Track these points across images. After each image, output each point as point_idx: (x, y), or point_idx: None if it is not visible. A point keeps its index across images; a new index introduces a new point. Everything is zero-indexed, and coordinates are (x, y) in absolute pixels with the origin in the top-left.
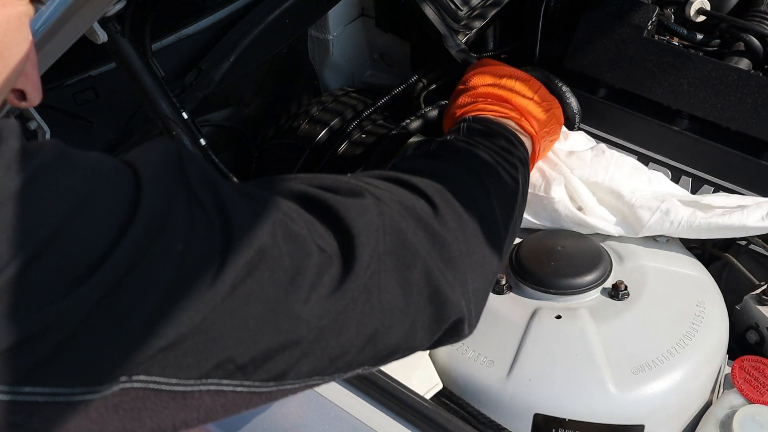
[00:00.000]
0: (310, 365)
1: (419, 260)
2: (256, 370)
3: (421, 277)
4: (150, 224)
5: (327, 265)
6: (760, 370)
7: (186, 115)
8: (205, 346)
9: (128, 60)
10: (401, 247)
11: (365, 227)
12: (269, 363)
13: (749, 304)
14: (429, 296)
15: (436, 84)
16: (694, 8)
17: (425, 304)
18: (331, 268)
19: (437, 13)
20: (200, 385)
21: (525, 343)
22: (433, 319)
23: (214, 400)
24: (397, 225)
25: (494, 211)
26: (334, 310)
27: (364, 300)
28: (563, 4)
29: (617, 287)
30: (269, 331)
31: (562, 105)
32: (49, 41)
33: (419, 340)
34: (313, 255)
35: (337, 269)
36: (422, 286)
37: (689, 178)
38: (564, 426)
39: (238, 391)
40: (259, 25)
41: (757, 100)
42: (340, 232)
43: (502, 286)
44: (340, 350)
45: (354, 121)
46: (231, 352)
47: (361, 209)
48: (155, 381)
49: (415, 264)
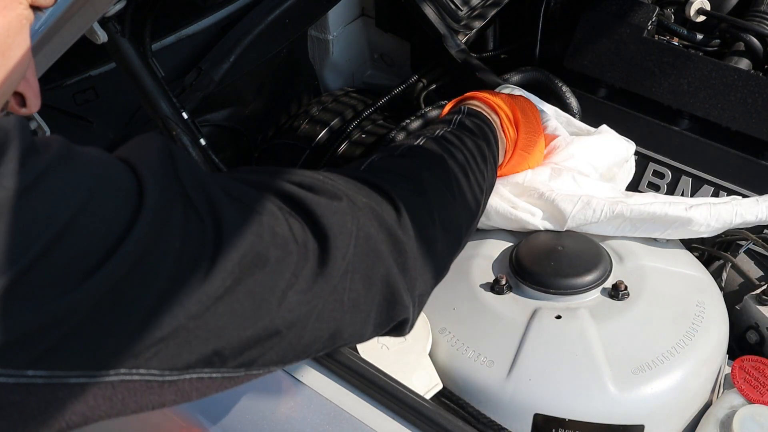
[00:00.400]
0: (279, 354)
1: (382, 264)
2: (234, 359)
3: (382, 279)
4: (153, 222)
5: (303, 264)
6: (760, 370)
7: (186, 115)
8: (197, 339)
9: (128, 60)
10: (369, 252)
11: (340, 231)
12: (246, 353)
13: (749, 304)
14: (385, 297)
15: (436, 84)
16: (694, 8)
17: (381, 303)
18: (306, 267)
19: (437, 13)
20: (185, 374)
21: (525, 343)
22: (385, 317)
23: (191, 386)
24: (368, 231)
25: (454, 220)
26: (308, 306)
27: (333, 298)
28: (563, 4)
29: (617, 287)
30: (251, 326)
31: (562, 105)
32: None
33: (369, 333)
34: (293, 254)
35: (312, 267)
36: (381, 285)
37: (689, 178)
38: (564, 426)
39: (213, 377)
40: (259, 25)
41: (757, 100)
42: (317, 232)
43: (502, 286)
44: (308, 342)
45: (354, 121)
46: (218, 345)
47: (338, 213)
48: (151, 373)
49: (378, 267)
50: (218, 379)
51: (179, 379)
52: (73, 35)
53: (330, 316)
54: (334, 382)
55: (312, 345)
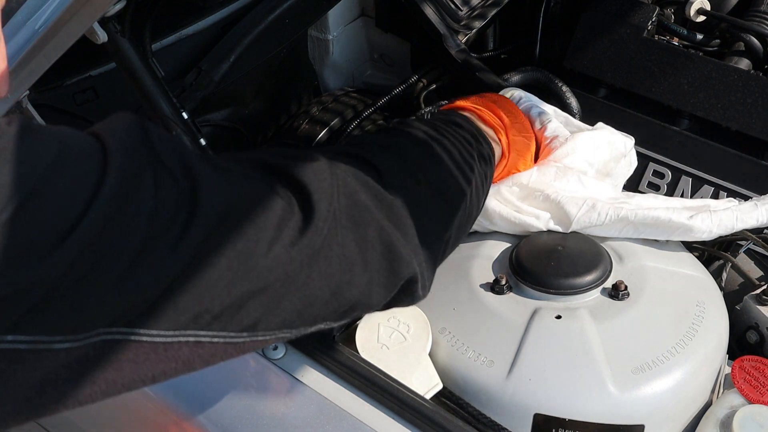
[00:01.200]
0: (279, 316)
1: (372, 219)
2: (231, 320)
3: (375, 235)
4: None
5: (288, 218)
6: (760, 370)
7: (186, 115)
8: (182, 297)
9: (128, 60)
10: (354, 206)
11: (320, 185)
12: (242, 312)
13: (749, 304)
14: (383, 253)
15: (436, 84)
16: (694, 8)
17: (380, 261)
18: (291, 220)
19: (437, 13)
20: (179, 336)
21: (525, 343)
22: (387, 275)
23: (192, 351)
24: (350, 186)
25: (444, 183)
26: (298, 259)
27: (325, 253)
28: (563, 4)
29: (617, 287)
30: (239, 279)
31: (562, 105)
32: (49, 41)
33: (376, 297)
34: (275, 208)
35: (297, 222)
36: (376, 243)
37: (689, 178)
38: (564, 426)
39: (214, 341)
40: (259, 25)
41: (757, 100)
42: (298, 190)
43: (502, 286)
44: (307, 301)
45: (354, 121)
46: (206, 303)
47: (316, 170)
48: (135, 333)
49: (368, 222)
50: (220, 344)
51: (174, 341)
52: (73, 35)
53: (325, 272)
54: (334, 382)
55: (314, 306)
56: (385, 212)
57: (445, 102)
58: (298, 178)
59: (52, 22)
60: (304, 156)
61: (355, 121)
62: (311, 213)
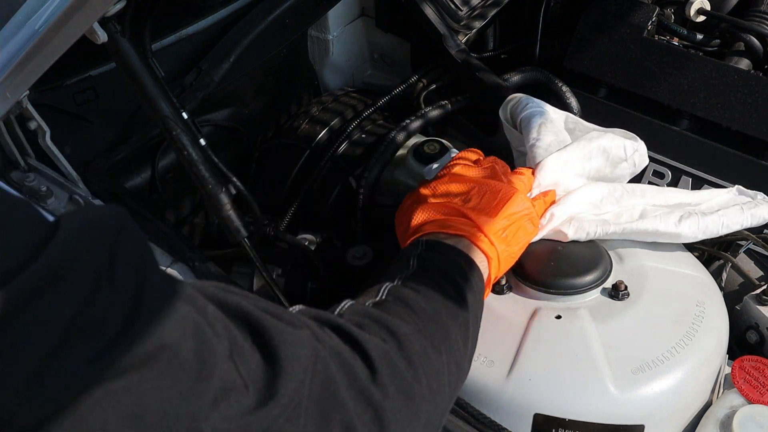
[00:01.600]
0: None
1: (344, 416)
2: None
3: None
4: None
5: (236, 390)
6: (760, 370)
7: (186, 115)
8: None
9: (128, 60)
10: (328, 397)
11: (295, 362)
12: None
13: (749, 304)
14: None
15: (436, 84)
16: (694, 8)
17: None
18: (240, 394)
19: (437, 13)
20: None
21: (525, 343)
22: None
23: None
24: (330, 374)
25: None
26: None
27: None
28: (563, 4)
29: (617, 287)
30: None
31: (562, 105)
32: (49, 41)
33: None
34: (221, 371)
35: (247, 398)
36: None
37: (689, 178)
38: (564, 426)
39: None
40: (259, 25)
41: (757, 100)
42: (268, 359)
43: (502, 286)
44: None
45: (354, 121)
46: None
47: (297, 342)
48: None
49: (336, 418)
50: None
51: None
52: (73, 35)
53: None
54: None
55: None
56: (369, 415)
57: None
58: (272, 344)
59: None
60: (290, 317)
61: (356, 121)
62: (271, 395)
